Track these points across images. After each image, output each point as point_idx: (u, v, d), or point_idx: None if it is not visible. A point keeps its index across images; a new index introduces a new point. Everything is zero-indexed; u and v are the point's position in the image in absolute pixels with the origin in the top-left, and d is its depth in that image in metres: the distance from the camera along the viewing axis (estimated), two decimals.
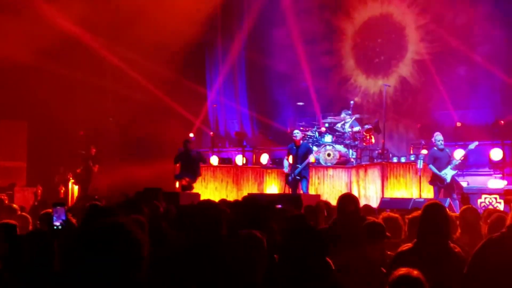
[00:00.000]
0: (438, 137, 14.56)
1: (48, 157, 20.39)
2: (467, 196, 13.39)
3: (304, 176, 15.32)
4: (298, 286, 3.78)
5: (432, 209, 5.34)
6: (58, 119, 19.60)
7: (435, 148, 14.65)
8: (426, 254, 4.99)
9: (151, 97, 21.21)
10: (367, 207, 9.44)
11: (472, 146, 14.64)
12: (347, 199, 7.04)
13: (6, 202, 16.48)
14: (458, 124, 18.58)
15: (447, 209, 5.52)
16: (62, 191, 19.18)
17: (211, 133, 21.66)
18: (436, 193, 14.47)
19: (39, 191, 18.47)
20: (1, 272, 4.48)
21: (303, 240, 3.97)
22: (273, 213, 6.77)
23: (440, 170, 14.26)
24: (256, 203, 5.61)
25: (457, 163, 14.40)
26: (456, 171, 14.48)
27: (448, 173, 14.23)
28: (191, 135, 19.80)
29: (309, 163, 15.53)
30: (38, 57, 19.18)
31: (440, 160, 14.41)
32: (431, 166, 14.47)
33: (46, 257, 4.26)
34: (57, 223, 4.26)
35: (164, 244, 5.84)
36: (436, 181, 14.45)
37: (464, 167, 15.89)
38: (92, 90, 20.99)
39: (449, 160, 14.44)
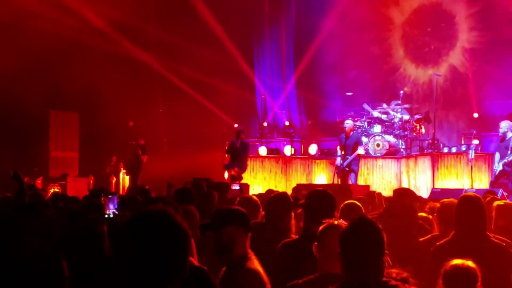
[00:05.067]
0: (500, 124, 14.19)
1: (100, 148, 20.67)
2: None
3: (353, 170, 15.24)
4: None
5: (466, 202, 5.29)
6: (108, 110, 19.85)
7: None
8: (467, 246, 4.92)
9: (200, 87, 21.35)
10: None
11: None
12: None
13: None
14: None
15: (481, 200, 5.42)
16: (113, 181, 19.44)
17: (265, 123, 21.49)
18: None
19: (91, 181, 18.78)
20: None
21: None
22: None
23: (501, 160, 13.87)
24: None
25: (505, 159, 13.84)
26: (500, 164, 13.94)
27: (498, 166, 13.90)
28: (236, 125, 19.87)
29: (358, 155, 15.38)
30: (91, 49, 19.53)
31: (499, 150, 14.04)
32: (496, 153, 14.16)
33: (95, 244, 4.33)
34: (109, 212, 4.30)
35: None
36: None
37: None
38: (142, 81, 21.23)
39: (504, 152, 13.93)
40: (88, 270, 4.01)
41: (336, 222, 4.23)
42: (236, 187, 14.43)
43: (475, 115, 19.04)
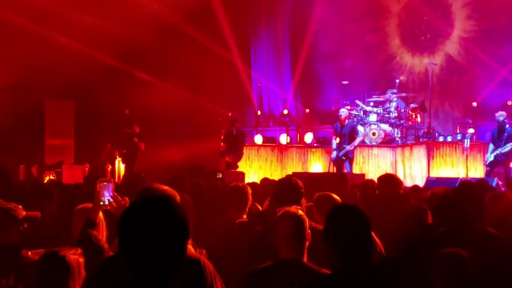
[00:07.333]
0: (498, 116, 14.14)
1: (95, 136, 20.61)
2: None
3: (349, 157, 15.25)
4: None
5: (465, 189, 5.25)
6: (104, 97, 19.78)
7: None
8: (465, 237, 4.87)
9: (194, 76, 21.28)
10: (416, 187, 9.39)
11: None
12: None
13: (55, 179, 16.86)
14: (509, 102, 18.18)
15: (478, 190, 5.37)
16: (109, 169, 19.40)
17: (259, 112, 21.47)
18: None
19: (87, 168, 18.73)
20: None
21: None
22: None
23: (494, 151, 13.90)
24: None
25: (498, 151, 13.92)
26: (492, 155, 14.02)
27: (489, 157, 13.97)
28: (229, 114, 19.85)
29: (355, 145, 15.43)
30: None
31: (495, 141, 14.06)
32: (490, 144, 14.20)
33: (90, 231, 4.32)
34: (104, 199, 4.29)
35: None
36: None
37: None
38: (138, 69, 21.15)
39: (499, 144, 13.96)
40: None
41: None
42: (219, 175, 14.38)
43: (474, 104, 19.04)
